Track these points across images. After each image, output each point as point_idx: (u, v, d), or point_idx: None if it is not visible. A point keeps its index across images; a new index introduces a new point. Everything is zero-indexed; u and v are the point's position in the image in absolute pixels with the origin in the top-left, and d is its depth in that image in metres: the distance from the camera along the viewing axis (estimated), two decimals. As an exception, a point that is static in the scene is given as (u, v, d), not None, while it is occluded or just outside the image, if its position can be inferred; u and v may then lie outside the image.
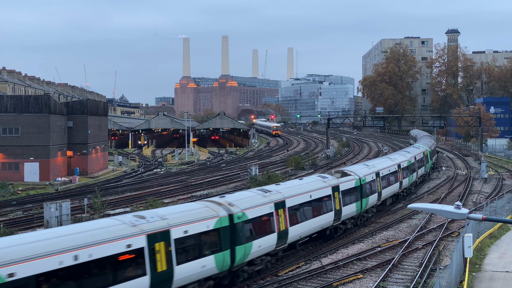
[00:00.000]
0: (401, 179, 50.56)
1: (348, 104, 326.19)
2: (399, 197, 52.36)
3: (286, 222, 30.29)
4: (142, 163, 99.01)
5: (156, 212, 24.28)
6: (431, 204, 12.99)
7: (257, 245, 27.62)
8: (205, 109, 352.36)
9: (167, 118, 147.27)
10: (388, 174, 47.16)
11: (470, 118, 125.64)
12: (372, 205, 42.80)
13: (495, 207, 41.88)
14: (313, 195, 33.58)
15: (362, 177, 40.46)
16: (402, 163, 51.97)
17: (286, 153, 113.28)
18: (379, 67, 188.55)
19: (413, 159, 57.25)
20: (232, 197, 28.63)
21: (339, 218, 36.57)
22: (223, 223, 25.62)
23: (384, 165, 47.48)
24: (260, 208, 28.52)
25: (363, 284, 27.91)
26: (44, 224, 42.02)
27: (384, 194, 45.63)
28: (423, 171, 63.57)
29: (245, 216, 26.89)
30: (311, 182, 35.62)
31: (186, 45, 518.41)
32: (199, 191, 61.16)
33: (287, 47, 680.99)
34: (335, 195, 36.11)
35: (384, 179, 45.69)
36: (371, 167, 44.61)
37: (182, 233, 23.33)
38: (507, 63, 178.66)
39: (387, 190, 46.61)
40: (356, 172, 40.63)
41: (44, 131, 74.56)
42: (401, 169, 50.90)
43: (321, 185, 35.29)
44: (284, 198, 30.60)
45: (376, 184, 43.44)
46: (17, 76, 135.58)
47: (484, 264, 30.05)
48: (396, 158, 52.80)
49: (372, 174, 42.90)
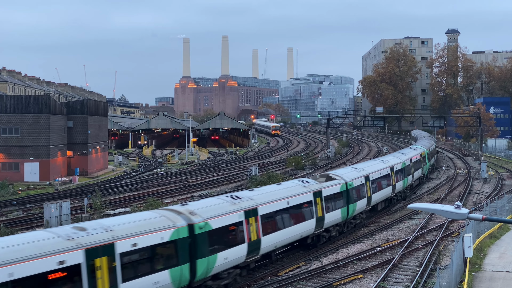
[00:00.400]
0: (394, 183, 48.47)
1: (348, 104, 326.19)
2: (392, 201, 50.40)
3: (259, 232, 28.19)
4: (142, 163, 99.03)
5: (100, 223, 22.13)
6: (431, 204, 12.98)
7: (223, 257, 25.48)
8: (205, 109, 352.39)
9: (167, 118, 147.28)
10: (379, 178, 45.06)
11: (470, 118, 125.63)
12: (360, 210, 40.65)
13: (495, 207, 41.89)
14: (291, 201, 31.41)
15: (349, 181, 38.41)
16: (396, 165, 50.05)
17: (286, 153, 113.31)
18: (379, 67, 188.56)
19: (409, 161, 55.23)
20: (195, 205, 26.41)
21: (321, 226, 34.40)
22: (181, 234, 23.41)
23: (375, 168, 45.51)
24: (227, 217, 26.35)
25: (363, 284, 27.91)
26: (44, 224, 42.04)
27: (375, 198, 43.67)
28: (420, 173, 61.46)
29: (208, 226, 24.76)
30: (290, 187, 33.30)
31: (186, 45, 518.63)
32: (199, 191, 61.18)
33: (287, 47, 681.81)
34: (317, 201, 33.94)
35: (374, 183, 43.64)
36: (360, 170, 42.69)
37: (130, 247, 21.12)
38: (507, 63, 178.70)
39: (378, 195, 44.62)
40: (342, 176, 38.69)
41: (44, 131, 74.56)
42: (394, 172, 48.81)
43: (301, 191, 33.13)
44: (256, 206, 28.50)
45: (365, 189, 41.44)
46: (17, 76, 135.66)
47: (484, 264, 30.06)
48: (390, 160, 50.76)
49: (360, 178, 40.99)
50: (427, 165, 67.81)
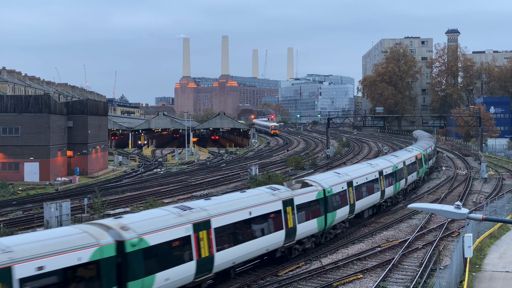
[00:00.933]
0: (383, 188, 45.51)
1: (348, 104, 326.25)
2: (381, 207, 47.09)
3: (211, 247, 25.07)
4: (142, 163, 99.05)
5: None
6: (431, 204, 12.98)
7: (163, 278, 22.43)
8: (205, 109, 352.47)
9: (167, 118, 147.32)
10: (365, 183, 41.95)
11: (470, 118, 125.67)
12: (342, 219, 37.43)
13: (495, 207, 41.91)
14: (254, 211, 28.32)
15: (327, 187, 35.28)
16: (386, 169, 46.95)
17: (286, 153, 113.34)
18: (379, 67, 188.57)
19: (402, 164, 52.17)
20: (132, 218, 23.32)
21: (293, 238, 31.33)
22: (106, 253, 20.33)
23: (360, 173, 42.29)
24: (170, 231, 23.14)
25: (363, 284, 27.91)
26: (44, 224, 42.04)
27: (359, 206, 40.47)
28: (415, 176, 58.33)
29: (144, 243, 21.77)
30: (255, 196, 30.08)
31: (186, 45, 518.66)
32: (199, 191, 61.20)
33: (287, 47, 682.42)
34: (288, 210, 30.83)
35: (359, 189, 40.47)
36: (343, 175, 39.50)
37: (34, 270, 18.05)
38: (507, 63, 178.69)
39: (363, 202, 41.49)
40: (320, 182, 35.49)
41: (44, 131, 74.57)
42: (383, 176, 45.81)
43: (268, 199, 29.99)
44: (209, 217, 25.39)
45: (348, 195, 38.31)
46: (17, 76, 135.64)
47: (484, 264, 30.07)
48: (379, 164, 47.42)
49: (342, 184, 37.84)
50: (424, 168, 64.80)
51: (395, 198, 50.86)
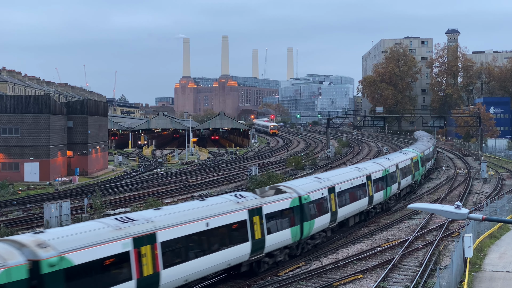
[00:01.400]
0: (371, 193, 42.50)
1: (348, 104, 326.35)
2: (370, 214, 44.04)
3: (157, 264, 22.32)
4: (142, 163, 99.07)
5: None
6: (431, 204, 13.00)
7: None
8: (205, 109, 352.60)
9: (167, 118, 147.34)
10: (350, 189, 38.96)
11: (470, 118, 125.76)
12: (321, 228, 34.51)
13: (495, 207, 41.93)
14: (212, 222, 25.47)
15: (304, 194, 32.35)
16: (375, 173, 44.09)
17: (286, 153, 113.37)
18: (379, 67, 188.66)
19: (394, 167, 49.14)
20: (55, 233, 20.33)
21: (260, 250, 28.61)
22: (15, 276, 17.43)
23: (344, 178, 39.30)
24: (103, 248, 20.29)
25: (363, 284, 27.92)
26: (44, 224, 42.04)
27: (342, 213, 37.60)
28: (409, 180, 55.35)
29: (67, 262, 18.86)
30: (215, 205, 27.06)
31: (186, 45, 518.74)
32: (199, 191, 61.21)
33: (287, 47, 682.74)
34: (254, 220, 28.13)
35: (342, 195, 37.63)
36: (324, 180, 36.57)
37: None
38: (507, 63, 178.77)
39: (348, 209, 38.51)
40: (296, 189, 32.60)
41: (44, 131, 74.60)
42: (372, 181, 42.94)
43: (230, 208, 27.17)
44: (154, 230, 22.56)
45: (329, 202, 35.43)
46: (17, 76, 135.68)
47: (484, 264, 30.07)
48: (367, 167, 44.47)
49: (322, 190, 34.89)
50: (420, 171, 61.40)
51: (386, 204, 47.88)
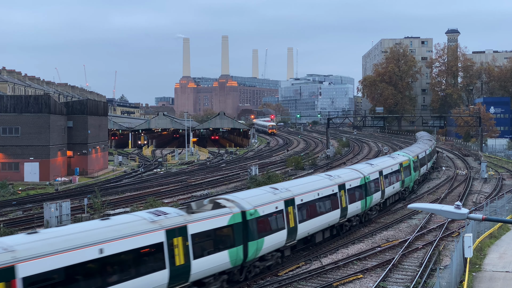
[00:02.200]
0: (344, 205, 37.40)
1: (348, 104, 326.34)
2: (344, 227, 38.77)
3: None
4: (142, 163, 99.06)
5: None
6: (431, 204, 12.99)
7: None
8: (205, 109, 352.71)
9: (167, 118, 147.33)
10: (315, 200, 33.88)
11: (470, 118, 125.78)
12: (274, 248, 29.55)
13: (495, 207, 41.93)
14: (109, 248, 20.27)
15: (249, 209, 27.56)
16: (350, 182, 39.03)
17: (286, 153, 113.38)
18: (379, 67, 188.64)
19: (376, 174, 44.30)
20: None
21: (184, 279, 23.51)
22: None
23: (308, 188, 34.03)
24: None
25: (363, 284, 27.91)
26: (44, 224, 42.05)
27: (305, 229, 32.43)
28: (397, 187, 50.12)
29: None
30: (119, 225, 21.59)
31: (186, 45, 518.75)
32: (199, 191, 61.22)
33: (287, 47, 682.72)
34: (176, 242, 22.94)
35: (304, 208, 32.53)
36: (281, 191, 31.25)
37: None
38: (507, 63, 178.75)
39: (312, 223, 33.35)
40: (240, 202, 27.73)
41: (44, 131, 74.60)
42: (346, 190, 37.95)
43: (141, 229, 21.77)
44: (14, 263, 17.44)
45: (285, 217, 30.46)
46: (17, 76, 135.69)
47: (484, 264, 30.07)
48: (341, 175, 39.24)
49: (276, 203, 29.87)
50: (412, 176, 56.13)
51: (366, 215, 42.71)
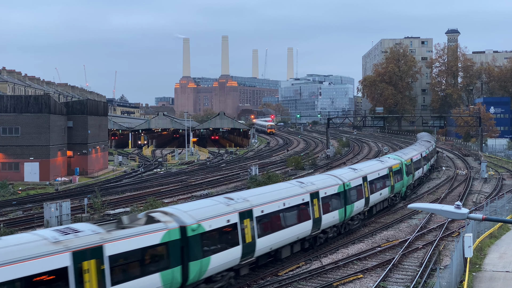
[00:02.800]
0: (318, 215, 33.21)
1: (348, 104, 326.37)
2: (318, 240, 34.40)
3: None
4: (142, 163, 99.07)
5: None
6: (431, 204, 12.99)
7: None
8: (205, 109, 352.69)
9: (167, 118, 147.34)
10: (280, 211, 29.75)
11: (470, 118, 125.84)
12: (225, 267, 25.62)
13: (495, 207, 41.93)
14: None
15: (191, 223, 23.40)
16: (326, 190, 34.74)
17: (286, 153, 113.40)
18: (379, 67, 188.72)
19: (359, 180, 40.20)
20: None
21: None
22: None
23: (272, 197, 29.76)
24: None
25: (363, 284, 27.91)
26: (44, 224, 42.05)
27: (266, 244, 28.41)
28: (385, 194, 46.06)
29: None
30: (7, 248, 17.67)
31: (186, 45, 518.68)
32: (199, 191, 61.21)
33: (287, 47, 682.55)
34: (85, 266, 18.88)
35: (265, 220, 28.53)
36: (236, 202, 27.15)
37: None
38: (507, 63, 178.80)
39: (276, 237, 29.22)
40: (181, 216, 23.44)
41: (44, 131, 74.61)
42: (320, 199, 33.71)
43: (36, 252, 17.83)
44: None
45: (242, 231, 26.48)
46: (17, 76, 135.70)
47: (484, 264, 30.07)
48: (316, 183, 34.80)
49: (227, 216, 25.65)
50: (405, 181, 52.39)
51: (346, 225, 38.72)
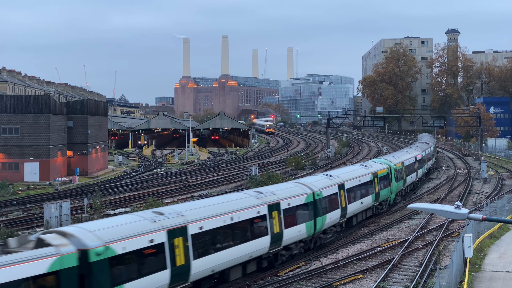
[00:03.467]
0: (277, 230, 29.33)
1: (348, 104, 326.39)
2: (279, 258, 30.49)
3: None
4: (142, 163, 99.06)
5: None
6: (431, 204, 12.99)
7: None
8: (205, 109, 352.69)
9: (167, 118, 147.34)
10: (226, 227, 25.76)
11: (470, 118, 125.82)
12: None
13: (495, 207, 41.92)
14: None
15: (94, 247, 19.20)
16: (289, 200, 30.77)
17: (286, 153, 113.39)
18: (379, 67, 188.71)
19: (334, 189, 36.12)
20: None
21: None
22: None
23: (215, 211, 25.66)
24: None
25: (363, 284, 27.90)
26: (44, 224, 42.04)
27: (206, 266, 24.37)
28: (367, 203, 42.17)
29: None
30: None
31: (186, 45, 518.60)
32: (199, 191, 61.21)
33: (287, 47, 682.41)
34: None
35: (207, 237, 24.55)
36: (167, 217, 23.00)
37: None
38: (507, 63, 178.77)
39: (220, 257, 25.28)
40: (83, 238, 19.28)
41: (44, 131, 74.61)
42: (281, 211, 29.83)
43: None
44: None
45: (171, 253, 22.34)
46: (17, 76, 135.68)
47: (484, 264, 30.06)
48: (277, 192, 30.83)
49: (152, 235, 21.62)
50: (394, 187, 48.58)
51: (318, 239, 34.44)
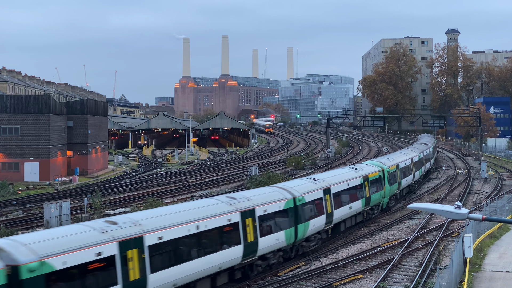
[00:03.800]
0: (252, 238, 27.36)
1: (348, 104, 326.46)
2: (254, 269, 28.53)
3: None
4: (142, 163, 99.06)
5: None
6: (431, 204, 12.98)
7: None
8: (205, 109, 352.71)
9: (167, 118, 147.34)
10: (191, 236, 23.87)
11: (470, 118, 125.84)
12: None
13: (495, 207, 41.91)
14: None
15: (26, 263, 17.19)
16: (265, 207, 28.72)
17: (286, 153, 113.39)
18: (379, 67, 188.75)
19: (319, 193, 34.01)
20: None
21: None
22: None
23: (178, 219, 23.75)
24: None
25: (363, 284, 27.90)
26: (44, 224, 42.04)
27: (167, 279, 22.34)
28: (356, 208, 39.54)
29: None
30: None
31: (186, 45, 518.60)
32: (199, 191, 61.20)
33: (287, 47, 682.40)
34: None
35: (168, 248, 22.75)
36: (120, 227, 21.14)
37: None
38: (507, 63, 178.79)
39: (184, 270, 23.26)
40: (13, 252, 17.36)
41: (44, 131, 74.61)
42: (257, 218, 27.88)
43: None
44: None
45: (123, 266, 20.32)
46: (17, 76, 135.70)
47: (484, 264, 30.06)
48: (252, 197, 28.80)
49: (101, 247, 19.70)
50: (387, 191, 46.28)
51: (300, 248, 32.39)
